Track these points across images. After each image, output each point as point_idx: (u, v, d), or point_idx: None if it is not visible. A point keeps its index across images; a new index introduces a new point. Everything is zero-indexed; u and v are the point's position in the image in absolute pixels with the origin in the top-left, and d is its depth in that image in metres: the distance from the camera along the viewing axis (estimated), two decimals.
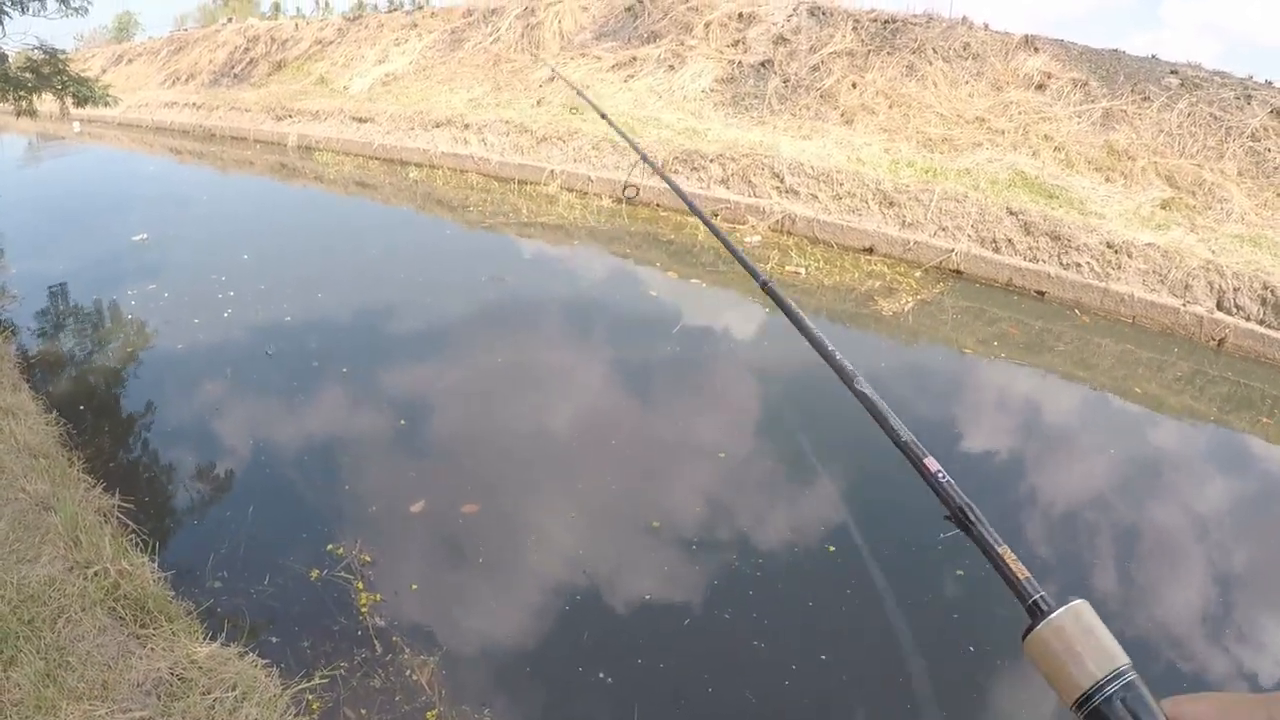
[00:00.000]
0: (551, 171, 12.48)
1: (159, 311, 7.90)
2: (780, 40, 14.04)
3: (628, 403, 6.20)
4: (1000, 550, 0.74)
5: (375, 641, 3.75)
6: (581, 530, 4.60)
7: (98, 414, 5.94)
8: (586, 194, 11.88)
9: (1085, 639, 0.60)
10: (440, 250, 10.35)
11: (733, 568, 4.29)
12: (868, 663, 3.74)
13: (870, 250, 9.22)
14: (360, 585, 4.06)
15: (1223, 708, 0.52)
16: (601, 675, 3.62)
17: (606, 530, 4.64)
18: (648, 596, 4.07)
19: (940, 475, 0.87)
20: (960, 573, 4.14)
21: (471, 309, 7.96)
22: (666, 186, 10.87)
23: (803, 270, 8.56)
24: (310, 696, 3.36)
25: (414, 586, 4.13)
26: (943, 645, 3.83)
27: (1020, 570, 0.71)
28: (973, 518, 0.81)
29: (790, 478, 5.19)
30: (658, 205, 11.14)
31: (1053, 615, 0.62)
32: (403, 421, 5.75)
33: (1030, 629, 0.63)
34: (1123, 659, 0.60)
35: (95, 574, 3.52)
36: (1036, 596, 0.65)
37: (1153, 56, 11.69)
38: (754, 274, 1.62)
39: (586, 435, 5.68)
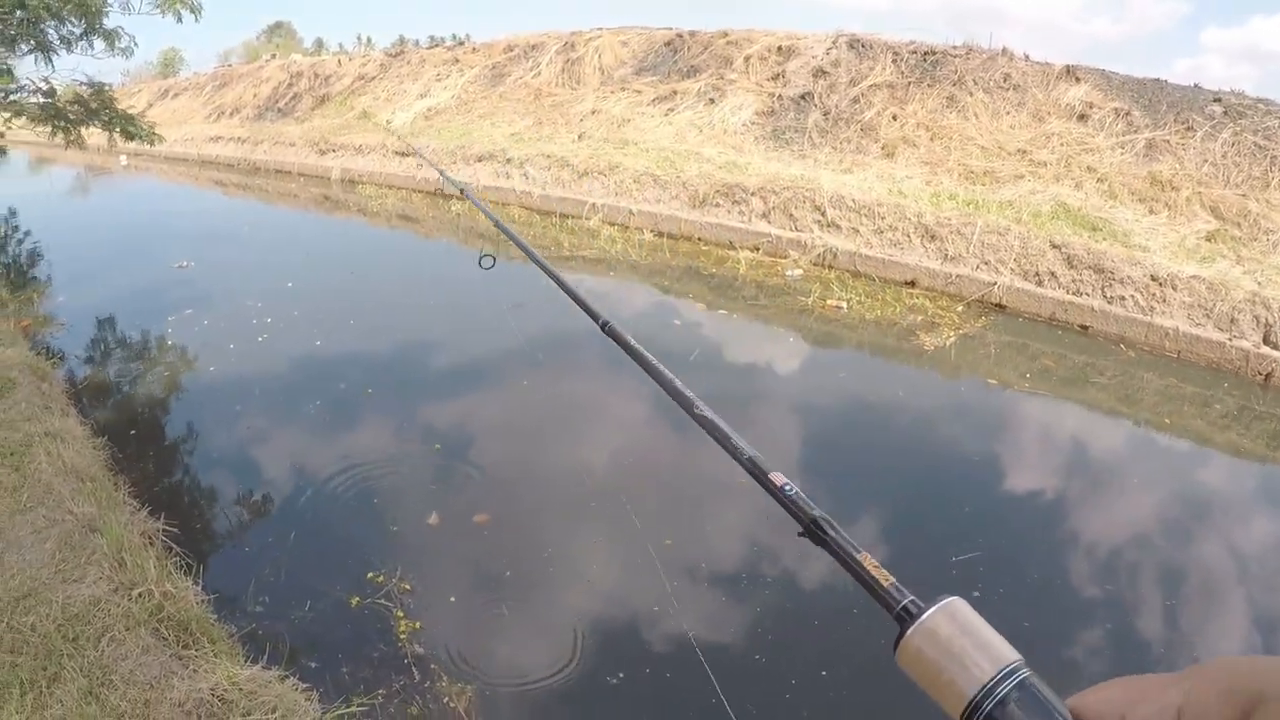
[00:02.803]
0: (593, 205, 12.55)
1: (199, 337, 8.01)
2: (820, 73, 14.09)
3: (633, 424, 6.26)
4: (859, 557, 0.67)
5: (414, 669, 3.75)
6: (598, 553, 4.66)
7: (142, 439, 6.01)
8: (628, 228, 11.93)
9: (964, 639, 0.53)
10: (474, 281, 10.41)
11: (745, 586, 4.27)
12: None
13: (912, 284, 9.18)
14: (400, 613, 4.07)
15: (1130, 692, 0.47)
16: (630, 700, 3.61)
17: (621, 549, 4.67)
18: (674, 620, 4.05)
19: (787, 488, 0.80)
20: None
21: (494, 336, 8.00)
22: (706, 220, 10.94)
23: (844, 305, 8.54)
24: None
25: (452, 616, 4.14)
26: None
27: (884, 576, 0.64)
28: (826, 528, 0.73)
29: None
30: (699, 240, 11.16)
31: (923, 617, 0.55)
32: (438, 446, 5.79)
33: (900, 637, 0.57)
34: (1012, 655, 0.52)
35: (140, 595, 3.55)
36: (905, 601, 0.58)
37: (1195, 85, 11.61)
38: (592, 315, 1.56)
39: (589, 453, 5.74)
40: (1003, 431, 6.32)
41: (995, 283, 8.57)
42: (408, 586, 4.25)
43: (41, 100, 13.07)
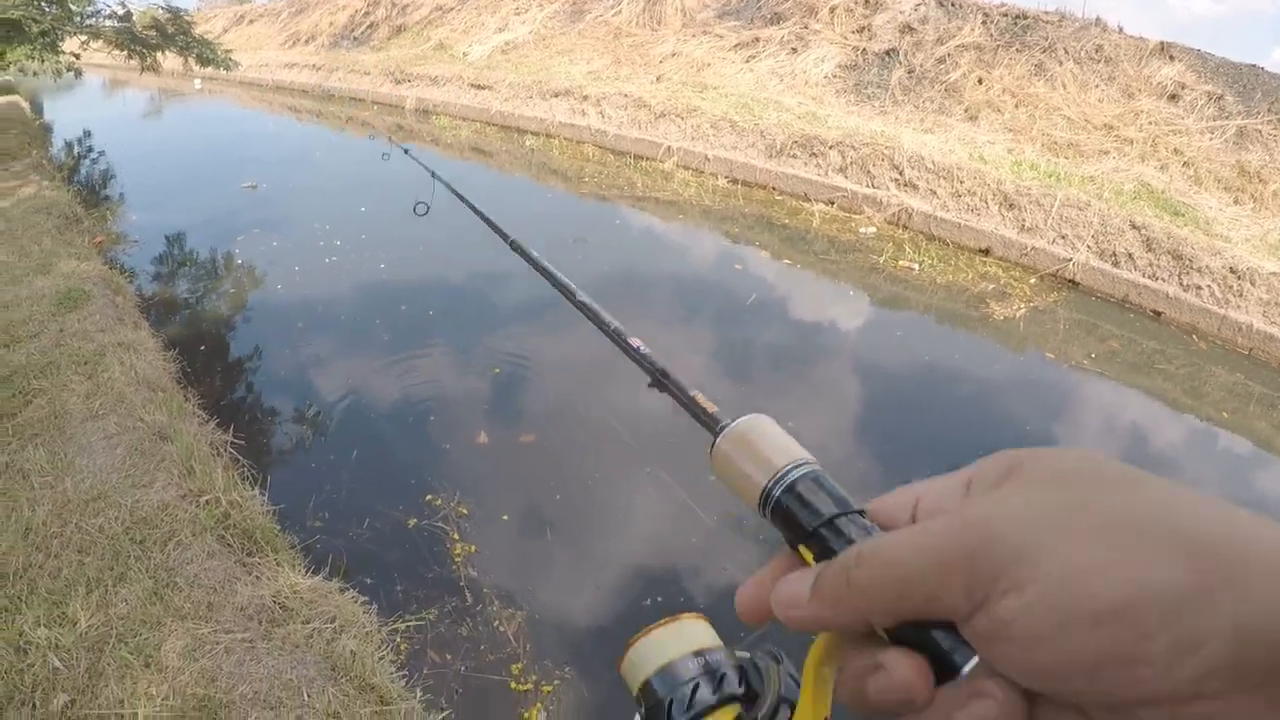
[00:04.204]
0: (668, 148, 12.46)
1: (267, 258, 8.14)
2: (907, 29, 13.82)
3: (687, 360, 6.28)
4: (693, 394, 0.71)
5: (466, 591, 3.83)
6: (642, 481, 4.71)
7: (210, 354, 6.13)
8: (702, 173, 11.84)
9: (765, 440, 0.55)
10: (547, 215, 10.44)
11: None
12: None
13: (986, 251, 9.04)
14: (455, 536, 4.14)
15: (919, 491, 0.47)
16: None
17: (664, 477, 4.71)
18: (714, 554, 4.10)
19: (641, 348, 0.89)
20: None
21: (560, 267, 8.01)
22: (782, 170, 10.84)
23: (916, 266, 8.43)
24: (399, 638, 3.44)
25: (506, 541, 4.20)
26: None
27: (710, 405, 0.67)
28: (668, 378, 0.80)
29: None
30: (774, 189, 11.07)
31: (732, 425, 0.57)
32: (497, 370, 5.87)
33: (713, 446, 0.58)
34: (808, 456, 0.54)
35: (207, 502, 3.65)
36: (724, 422, 0.59)
37: None
38: (501, 234, 1.59)
39: (637, 385, 5.73)
40: (1062, 410, 6.24)
41: (1071, 258, 8.41)
42: (464, 511, 4.33)
43: (118, 24, 13.23)
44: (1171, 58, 11.80)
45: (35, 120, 18.17)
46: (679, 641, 0.63)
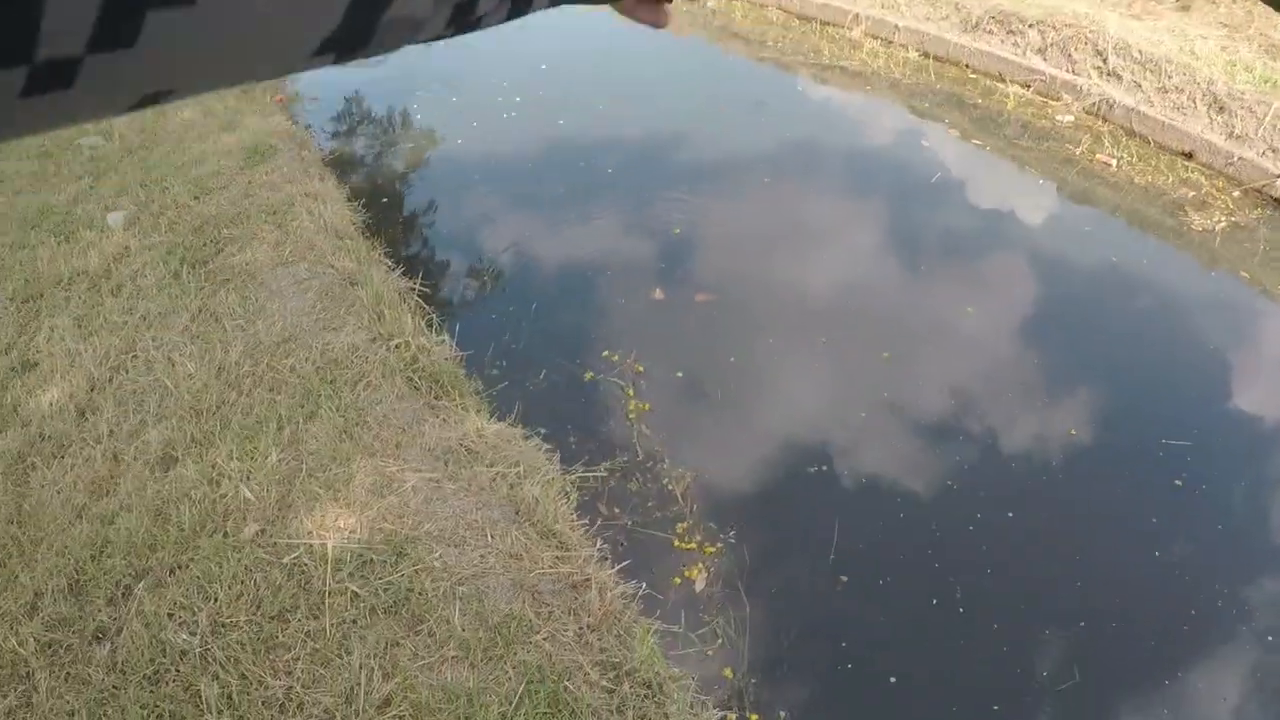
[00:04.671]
0: (856, 15, 11.95)
1: (446, 113, 8.20)
2: None
3: (856, 234, 6.12)
4: None
5: (638, 447, 3.88)
6: (817, 350, 4.67)
7: (392, 205, 6.25)
8: (891, 43, 11.34)
9: None
10: (725, 78, 10.22)
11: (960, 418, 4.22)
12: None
13: (1189, 155, 8.39)
14: (631, 392, 4.18)
15: None
16: (835, 505, 3.69)
17: (839, 351, 4.68)
18: (885, 428, 4.07)
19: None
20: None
21: (739, 133, 7.88)
22: (976, 46, 10.30)
23: (1113, 162, 7.95)
24: (570, 488, 3.51)
25: (680, 403, 4.22)
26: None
27: None
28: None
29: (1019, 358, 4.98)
30: (966, 66, 10.54)
31: None
32: (677, 230, 5.82)
33: None
34: None
35: (397, 346, 3.76)
36: None
37: None
38: None
39: (819, 255, 5.72)
40: (1252, 336, 5.84)
41: None
42: (641, 368, 4.35)
43: None
44: None
45: None
46: None
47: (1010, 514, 3.70)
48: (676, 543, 3.46)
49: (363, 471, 3.11)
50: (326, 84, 9.32)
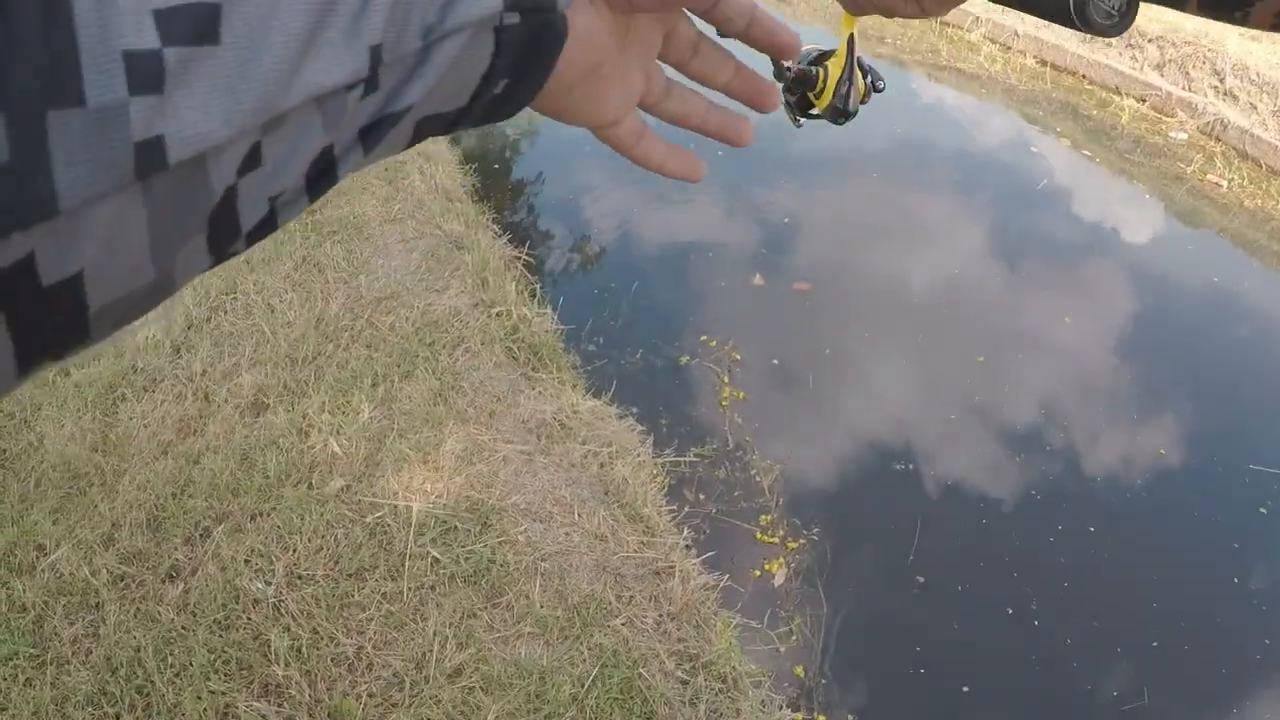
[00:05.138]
0: (976, 18, 11.70)
1: None
2: None
3: (957, 233, 6.01)
4: None
5: (729, 436, 3.79)
6: (913, 350, 4.58)
7: (501, 173, 6.22)
8: (1010, 49, 11.09)
9: None
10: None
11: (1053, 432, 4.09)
12: None
13: None
14: (725, 379, 4.09)
15: None
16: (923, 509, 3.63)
17: (934, 354, 4.59)
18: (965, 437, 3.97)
19: None
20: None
21: (844, 129, 7.74)
22: (1094, 58, 9.98)
23: (1224, 183, 7.65)
24: (660, 472, 3.42)
25: (776, 394, 4.13)
26: None
27: None
28: None
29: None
30: (1083, 76, 10.24)
31: None
32: (786, 219, 5.72)
33: None
34: None
35: (498, 314, 3.70)
36: None
37: None
38: None
39: (916, 251, 5.61)
40: None
41: None
42: (738, 356, 4.26)
43: None
44: None
45: None
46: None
47: (1092, 528, 3.61)
48: (759, 535, 3.38)
49: (454, 437, 3.06)
50: None
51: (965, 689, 2.98)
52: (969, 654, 3.13)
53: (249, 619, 2.47)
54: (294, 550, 2.63)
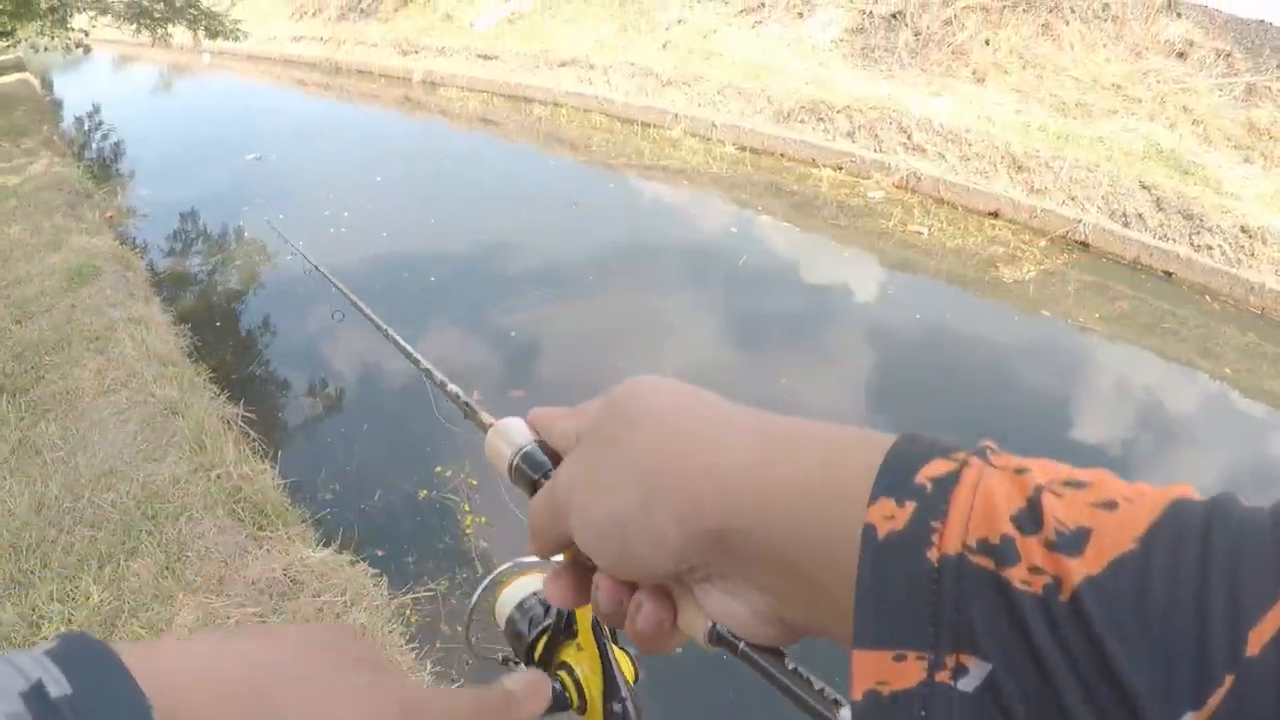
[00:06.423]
0: (675, 115, 12.38)
1: (274, 230, 8.23)
2: None
3: (686, 327, 6.37)
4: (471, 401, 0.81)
5: (477, 562, 3.86)
6: None
7: (221, 328, 6.16)
8: (709, 140, 11.77)
9: (510, 433, 0.66)
10: (550, 184, 10.46)
11: None
12: None
13: (996, 214, 8.96)
14: (466, 507, 4.17)
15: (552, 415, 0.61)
16: None
17: None
18: None
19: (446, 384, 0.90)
20: None
21: (557, 238, 8.15)
22: (789, 135, 10.79)
23: (924, 231, 8.39)
24: (409, 611, 3.47)
25: (514, 512, 4.23)
26: None
27: (484, 413, 0.75)
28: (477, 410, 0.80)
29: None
30: (782, 155, 11.01)
31: (496, 423, 0.68)
32: (513, 334, 5.93)
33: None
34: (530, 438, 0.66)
35: (218, 476, 3.68)
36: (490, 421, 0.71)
37: None
38: (414, 360, 1.60)
39: (637, 344, 5.95)
40: (1073, 372, 6.21)
41: (1080, 220, 8.34)
42: (474, 482, 4.34)
43: None
44: (1179, 15, 11.65)
45: (45, 97, 18.16)
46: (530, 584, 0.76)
47: None
48: None
49: (186, 609, 3.02)
50: (157, 201, 9.22)
51: None
52: None
53: None
54: None
